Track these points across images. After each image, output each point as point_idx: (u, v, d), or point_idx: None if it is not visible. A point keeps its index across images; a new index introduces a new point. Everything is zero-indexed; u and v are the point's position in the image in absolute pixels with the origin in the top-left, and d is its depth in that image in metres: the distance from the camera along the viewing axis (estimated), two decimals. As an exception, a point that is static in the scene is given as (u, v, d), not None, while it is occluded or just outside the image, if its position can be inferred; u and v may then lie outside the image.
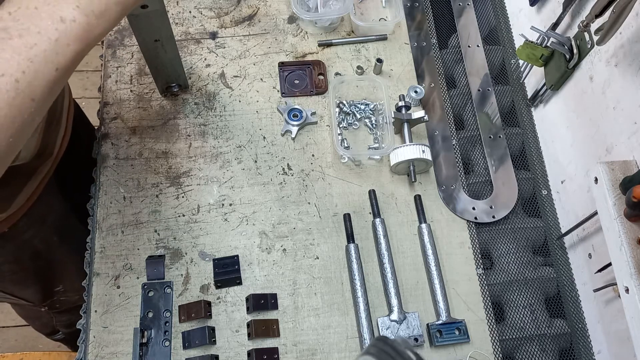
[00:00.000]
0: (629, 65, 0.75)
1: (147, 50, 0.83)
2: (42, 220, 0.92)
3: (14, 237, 0.89)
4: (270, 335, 0.83)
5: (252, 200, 0.92)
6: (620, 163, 0.74)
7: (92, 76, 2.15)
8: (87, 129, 1.16)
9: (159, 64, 0.88)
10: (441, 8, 1.12)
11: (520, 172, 0.97)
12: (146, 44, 0.82)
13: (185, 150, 0.95)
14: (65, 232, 1.00)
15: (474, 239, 0.92)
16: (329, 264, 0.89)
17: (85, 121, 1.15)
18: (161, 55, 0.85)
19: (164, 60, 0.87)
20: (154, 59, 0.86)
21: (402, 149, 0.91)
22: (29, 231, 0.91)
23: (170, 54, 0.86)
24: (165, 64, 0.89)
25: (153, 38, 0.80)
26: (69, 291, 1.12)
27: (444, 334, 0.83)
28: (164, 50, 0.84)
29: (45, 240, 0.96)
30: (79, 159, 0.99)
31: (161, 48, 0.83)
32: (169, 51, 0.85)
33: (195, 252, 0.88)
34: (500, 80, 1.07)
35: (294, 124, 0.97)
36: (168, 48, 0.84)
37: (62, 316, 1.25)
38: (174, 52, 0.86)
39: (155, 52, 0.84)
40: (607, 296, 0.82)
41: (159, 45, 0.82)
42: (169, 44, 0.83)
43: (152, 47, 0.82)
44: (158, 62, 0.87)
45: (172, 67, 0.90)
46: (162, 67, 0.89)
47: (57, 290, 1.11)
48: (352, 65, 1.04)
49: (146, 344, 0.81)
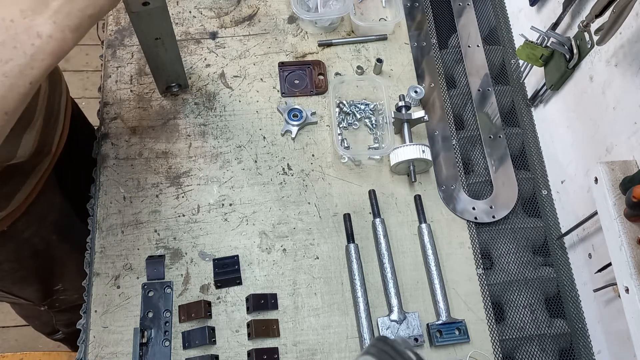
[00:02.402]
0: (629, 65, 0.75)
1: (148, 49, 0.83)
2: (41, 219, 0.93)
3: (14, 236, 0.89)
4: (270, 335, 0.83)
5: (252, 200, 0.92)
6: (620, 163, 0.74)
7: (92, 76, 2.16)
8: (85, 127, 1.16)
9: (160, 62, 0.88)
10: (441, 8, 1.12)
11: (520, 172, 0.97)
12: (147, 42, 0.82)
13: (185, 150, 0.95)
14: (65, 231, 1.00)
15: (474, 239, 0.92)
16: (329, 264, 0.89)
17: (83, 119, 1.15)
18: (162, 53, 0.85)
19: (164, 59, 0.87)
20: (155, 57, 0.86)
21: (402, 149, 0.91)
22: (28, 230, 0.91)
23: (170, 53, 0.85)
24: (166, 63, 0.89)
25: (154, 36, 0.80)
26: (68, 290, 1.12)
27: (444, 334, 0.83)
28: (164, 49, 0.84)
29: (44, 239, 0.96)
30: (78, 157, 0.99)
31: (162, 46, 0.83)
32: (170, 50, 0.84)
33: (195, 252, 0.88)
34: (500, 80, 1.07)
35: (294, 124, 0.97)
36: (169, 46, 0.84)
37: (61, 315, 1.25)
38: (174, 51, 0.85)
39: (156, 50, 0.84)
40: (607, 296, 0.82)
41: (159, 43, 0.82)
42: (170, 42, 0.83)
43: (152, 45, 0.82)
44: (159, 61, 0.87)
45: (172, 67, 0.90)
46: (162, 66, 0.89)
47: (57, 289, 1.11)
48: (352, 65, 1.04)
49: (146, 344, 0.81)
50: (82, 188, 0.96)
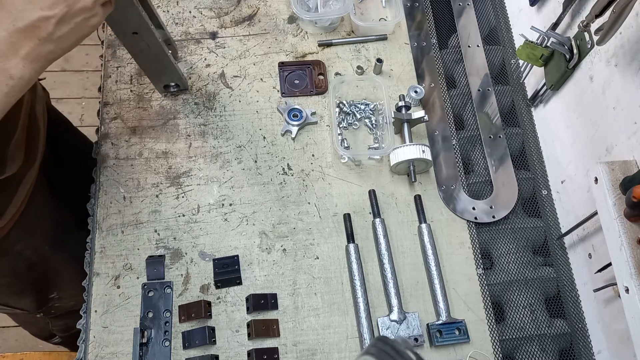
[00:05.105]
0: (628, 65, 0.75)
1: (130, 46, 0.83)
2: (32, 231, 0.92)
3: (7, 250, 0.89)
4: (270, 335, 0.83)
5: (252, 200, 0.92)
6: (620, 163, 0.74)
7: (92, 76, 2.15)
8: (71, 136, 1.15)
9: (145, 59, 0.87)
10: (441, 8, 1.12)
11: (520, 172, 0.97)
12: (126, 39, 0.82)
13: (185, 150, 0.95)
14: (58, 241, 0.99)
15: (474, 239, 0.92)
16: (329, 264, 0.89)
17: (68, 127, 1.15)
18: (144, 49, 0.84)
19: (149, 55, 0.86)
20: (139, 54, 0.85)
21: (402, 149, 0.91)
22: (20, 242, 0.90)
23: (153, 49, 0.85)
24: (152, 60, 0.88)
25: (130, 31, 0.80)
26: (63, 298, 1.11)
27: (444, 334, 0.83)
28: (145, 44, 0.83)
29: (37, 251, 0.95)
30: (70, 166, 0.98)
31: (142, 41, 0.82)
32: (152, 45, 0.84)
33: (195, 252, 0.88)
34: (500, 80, 1.07)
35: (294, 124, 0.97)
36: (150, 41, 0.83)
37: (58, 321, 1.25)
38: (157, 46, 0.84)
39: (138, 46, 0.83)
40: (607, 296, 0.82)
41: (138, 38, 0.82)
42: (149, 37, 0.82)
43: (132, 41, 0.82)
44: (144, 57, 0.86)
45: (160, 64, 0.89)
46: (149, 62, 0.89)
47: (52, 297, 1.10)
48: (352, 65, 1.04)
49: (146, 344, 0.81)
50: (74, 195, 0.95)
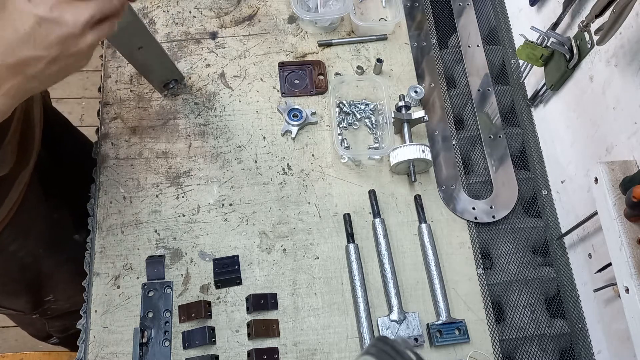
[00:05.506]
0: (628, 65, 0.75)
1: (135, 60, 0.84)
2: (26, 232, 0.91)
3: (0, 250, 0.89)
4: (270, 335, 0.83)
5: (252, 200, 0.92)
6: (620, 163, 0.74)
7: (92, 76, 2.15)
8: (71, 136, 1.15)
9: (148, 67, 0.88)
10: (441, 8, 1.12)
11: (520, 172, 0.97)
12: (131, 54, 0.82)
13: (185, 150, 0.95)
14: (52, 244, 0.99)
15: (474, 239, 0.92)
16: (329, 264, 0.89)
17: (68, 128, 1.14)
18: (148, 58, 0.85)
19: (152, 62, 0.87)
20: (143, 64, 0.86)
21: (402, 149, 0.91)
22: (13, 243, 0.90)
23: (157, 56, 0.85)
24: (154, 65, 0.88)
25: (136, 46, 0.81)
26: (59, 300, 1.11)
27: (444, 334, 0.83)
28: (150, 53, 0.84)
29: (31, 252, 0.95)
30: (66, 167, 0.98)
31: (147, 52, 0.83)
32: (156, 53, 0.84)
33: (195, 252, 0.88)
34: (500, 80, 1.07)
35: (294, 124, 0.97)
36: (154, 51, 0.84)
37: (55, 322, 1.24)
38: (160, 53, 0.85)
39: (143, 57, 0.84)
40: (607, 296, 0.82)
41: (143, 51, 0.82)
42: (153, 46, 0.83)
43: (137, 54, 0.83)
44: (147, 65, 0.87)
45: (161, 66, 0.90)
46: (151, 68, 0.89)
47: (48, 299, 1.10)
48: (352, 65, 1.04)
49: (146, 344, 0.81)
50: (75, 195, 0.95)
